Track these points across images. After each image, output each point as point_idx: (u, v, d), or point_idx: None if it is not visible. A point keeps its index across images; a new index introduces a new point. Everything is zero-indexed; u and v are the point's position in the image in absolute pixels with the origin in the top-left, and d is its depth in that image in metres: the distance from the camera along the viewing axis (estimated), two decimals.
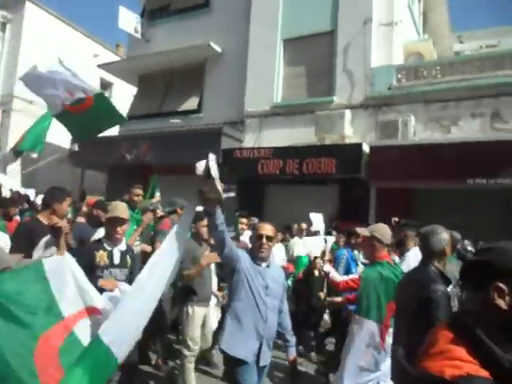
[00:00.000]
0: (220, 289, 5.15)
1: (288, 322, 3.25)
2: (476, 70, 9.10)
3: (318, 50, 10.77)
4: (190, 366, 4.21)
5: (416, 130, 9.40)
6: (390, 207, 9.07)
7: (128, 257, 3.61)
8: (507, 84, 8.66)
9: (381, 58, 10.18)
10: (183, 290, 4.32)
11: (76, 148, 12.77)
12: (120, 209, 3.48)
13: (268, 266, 3.05)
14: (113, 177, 13.02)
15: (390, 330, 3.33)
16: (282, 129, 10.78)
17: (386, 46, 10.26)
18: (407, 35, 11.70)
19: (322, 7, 10.75)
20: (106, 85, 19.40)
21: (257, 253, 3.01)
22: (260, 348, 2.91)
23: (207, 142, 10.78)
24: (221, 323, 4.68)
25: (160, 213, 5.59)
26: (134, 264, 3.69)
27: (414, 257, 4.43)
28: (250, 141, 11.24)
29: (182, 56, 12.48)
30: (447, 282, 2.64)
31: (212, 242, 7.64)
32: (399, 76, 9.79)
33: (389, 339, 3.33)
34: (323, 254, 5.97)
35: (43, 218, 3.57)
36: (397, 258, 5.11)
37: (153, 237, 5.20)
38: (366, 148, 9.15)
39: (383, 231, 3.64)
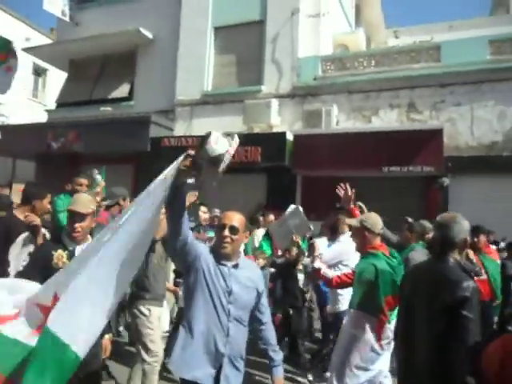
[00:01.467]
0: (177, 285, 4.82)
1: (271, 335, 2.62)
2: (394, 62, 9.46)
3: (248, 39, 10.81)
4: (154, 376, 3.67)
5: (339, 119, 9.67)
6: (316, 195, 9.33)
7: None
8: (422, 76, 9.07)
9: (308, 48, 10.35)
10: (135, 288, 3.84)
11: None
12: (78, 201, 2.85)
13: (236, 266, 2.43)
14: (41, 166, 12.52)
15: (389, 325, 3.14)
16: (212, 117, 10.75)
17: (313, 37, 10.45)
18: (338, 27, 11.95)
19: None
20: (39, 70, 18.59)
21: (218, 248, 2.41)
22: (220, 369, 2.31)
23: (136, 131, 10.61)
24: (172, 333, 4.26)
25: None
26: None
27: (347, 241, 4.48)
28: (180, 129, 11.14)
29: (112, 41, 12.13)
30: (469, 274, 2.36)
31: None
32: (324, 67, 10.01)
33: (389, 334, 3.16)
34: (312, 248, 5.63)
35: (20, 214, 3.44)
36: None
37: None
38: (290, 137, 9.32)
39: (374, 220, 3.39)
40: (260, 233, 6.87)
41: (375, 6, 15.57)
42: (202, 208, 5.70)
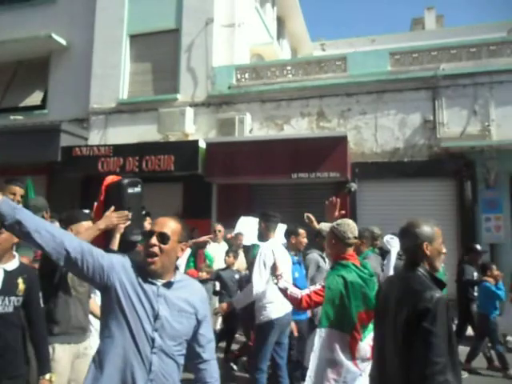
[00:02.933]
0: None
1: (212, 374, 2.10)
2: (304, 72, 9.75)
3: (164, 48, 10.73)
4: None
5: (253, 127, 9.79)
6: (231, 202, 9.35)
7: (20, 280, 2.62)
8: (330, 86, 9.40)
9: (223, 58, 10.44)
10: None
11: None
12: None
13: (168, 286, 1.98)
14: None
15: (363, 344, 2.88)
16: (127, 126, 10.54)
17: (228, 47, 10.56)
18: (257, 38, 12.15)
19: (167, 4, 10.72)
20: None
21: (144, 261, 1.96)
22: None
23: (46, 140, 10.16)
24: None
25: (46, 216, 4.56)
26: (31, 291, 2.69)
27: (268, 247, 4.21)
28: (95, 138, 10.80)
29: (24, 47, 11.58)
30: (441, 285, 2.20)
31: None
32: (239, 76, 10.12)
33: (364, 353, 2.88)
34: (274, 268, 5.04)
35: None
36: None
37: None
38: (202, 145, 9.29)
39: (345, 227, 3.06)
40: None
41: (297, 19, 16.03)
42: (148, 219, 5.22)
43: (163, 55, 10.73)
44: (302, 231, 4.71)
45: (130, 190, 3.77)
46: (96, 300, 3.38)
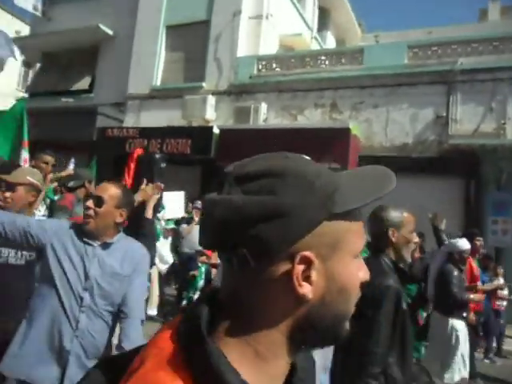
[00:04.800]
0: None
1: (127, 333, 2.00)
2: (321, 64, 9.87)
3: (195, 38, 11.34)
4: None
5: (269, 117, 10.12)
6: None
7: None
8: (344, 78, 9.46)
9: (249, 48, 10.83)
10: None
11: None
12: (14, 172, 2.67)
13: (105, 247, 2.05)
14: None
15: None
16: (157, 111, 11.34)
17: (254, 38, 10.92)
18: (292, 28, 12.35)
19: None
20: (30, 62, 19.51)
21: (82, 223, 2.05)
22: (64, 370, 1.90)
23: (86, 121, 11.30)
24: None
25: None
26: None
27: None
28: (129, 121, 11.75)
29: (77, 37, 12.82)
30: (406, 276, 2.14)
31: None
32: (260, 66, 10.48)
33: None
34: None
35: None
36: None
37: (50, 213, 4.14)
38: (216, 131, 9.82)
39: None
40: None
41: (343, 10, 15.89)
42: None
43: (194, 45, 11.36)
44: None
45: (161, 165, 4.52)
46: None
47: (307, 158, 0.64)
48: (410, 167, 8.70)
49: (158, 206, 7.07)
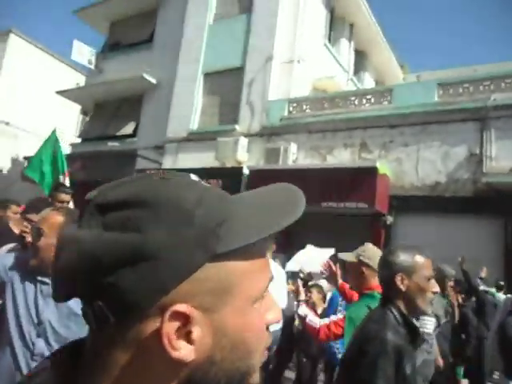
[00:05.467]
0: None
1: None
2: (351, 104, 9.91)
3: (230, 84, 11.85)
4: None
5: (298, 157, 10.20)
6: None
7: None
8: (373, 117, 9.41)
9: (280, 92, 11.14)
10: None
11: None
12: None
13: None
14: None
15: None
16: (194, 153, 11.79)
17: (285, 82, 11.23)
18: (326, 71, 12.58)
19: (235, 45, 11.89)
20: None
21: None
22: None
23: (126, 164, 11.94)
24: None
25: None
26: None
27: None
28: (167, 163, 12.28)
29: (124, 86, 13.83)
30: (416, 333, 1.77)
31: None
32: (290, 109, 10.70)
33: None
34: (297, 291, 4.89)
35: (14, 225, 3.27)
36: None
37: None
38: (246, 171, 10.00)
39: (371, 253, 2.73)
40: None
41: (381, 52, 16.02)
42: None
43: (229, 90, 11.85)
44: None
45: None
46: None
47: (194, 177, 0.52)
48: (442, 207, 8.39)
49: None
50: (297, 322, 5.34)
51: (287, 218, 0.50)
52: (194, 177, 0.53)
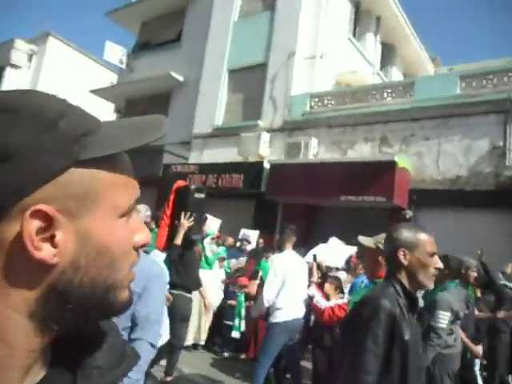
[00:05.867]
0: None
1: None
2: (372, 98, 9.90)
3: (254, 80, 12.05)
4: None
5: (319, 151, 10.29)
6: (292, 221, 9.99)
7: None
8: (394, 111, 9.38)
9: (303, 87, 11.23)
10: None
11: None
12: None
13: None
14: None
15: None
16: (218, 148, 12.08)
17: (308, 77, 11.31)
18: (351, 66, 12.56)
19: (259, 41, 12.08)
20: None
21: None
22: None
23: (154, 159, 12.40)
24: None
25: None
26: None
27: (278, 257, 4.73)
28: (193, 158, 12.63)
29: (153, 84, 14.29)
30: (416, 304, 1.90)
31: None
32: (312, 103, 10.78)
33: None
34: (311, 273, 4.99)
35: None
36: None
37: None
38: (267, 166, 10.19)
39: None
40: None
41: (411, 45, 15.76)
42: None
43: (252, 86, 12.05)
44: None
45: (196, 195, 5.02)
46: None
47: (58, 97, 0.52)
48: (464, 201, 8.30)
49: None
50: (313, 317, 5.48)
51: (148, 136, 0.51)
52: (58, 96, 0.53)
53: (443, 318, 3.62)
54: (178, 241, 4.36)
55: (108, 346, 0.56)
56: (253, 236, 9.11)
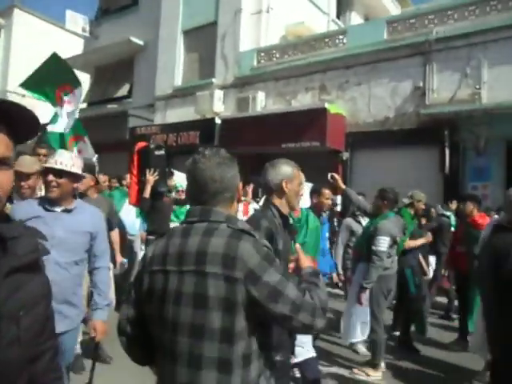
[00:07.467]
0: None
1: (101, 279, 2.67)
2: (311, 49, 10.43)
3: (206, 39, 12.51)
4: None
5: (267, 104, 10.95)
6: (247, 170, 10.84)
7: None
8: (331, 60, 9.94)
9: (251, 43, 11.71)
10: None
11: None
12: (22, 163, 3.00)
13: (68, 211, 2.45)
14: None
15: None
16: (179, 108, 12.75)
17: (255, 32, 11.77)
18: (300, 17, 12.87)
19: (208, 1, 12.43)
20: None
21: (46, 193, 2.44)
22: None
23: (120, 124, 13.12)
24: None
25: None
26: None
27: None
28: (158, 120, 13.33)
29: (115, 50, 14.72)
30: (289, 223, 2.28)
31: None
32: (259, 58, 11.32)
33: None
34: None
35: None
36: None
37: None
38: (218, 121, 10.91)
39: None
40: None
41: None
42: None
43: (206, 46, 12.53)
44: (326, 191, 4.27)
45: (156, 153, 5.86)
46: None
47: None
48: (391, 140, 9.04)
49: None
50: None
51: None
52: None
53: (383, 243, 4.08)
54: (147, 194, 5.14)
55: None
56: None
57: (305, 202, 4.91)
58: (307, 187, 6.49)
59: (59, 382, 1.12)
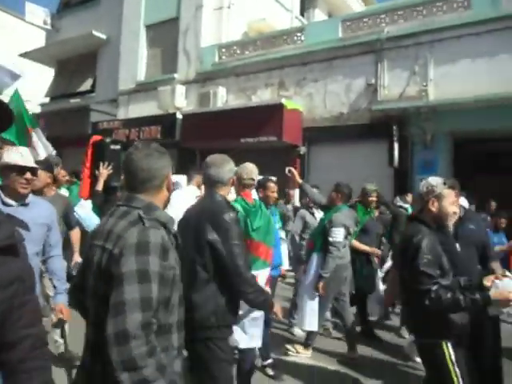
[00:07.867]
0: None
1: (58, 266, 2.95)
2: (271, 45, 10.64)
3: (169, 34, 12.54)
4: None
5: (228, 99, 11.11)
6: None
7: None
8: (289, 57, 10.18)
9: (213, 38, 11.82)
10: None
11: None
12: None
13: (25, 205, 2.64)
14: None
15: None
16: (142, 103, 12.76)
17: (217, 28, 11.88)
18: (262, 13, 13.04)
19: None
20: None
21: (9, 190, 2.60)
22: None
23: (82, 118, 13.04)
24: None
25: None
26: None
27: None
28: (121, 115, 13.29)
29: (78, 44, 14.56)
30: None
31: None
32: (220, 54, 11.45)
33: None
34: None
35: None
36: None
37: None
38: (179, 116, 11.01)
39: (242, 169, 3.46)
40: None
41: None
42: None
43: (168, 41, 12.57)
44: (271, 185, 4.27)
45: (111, 147, 5.83)
46: None
47: None
48: (345, 136, 9.36)
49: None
50: None
51: None
52: None
53: (338, 234, 4.27)
54: (99, 187, 5.22)
55: None
56: (181, 180, 9.99)
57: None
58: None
59: (42, 372, 1.10)
